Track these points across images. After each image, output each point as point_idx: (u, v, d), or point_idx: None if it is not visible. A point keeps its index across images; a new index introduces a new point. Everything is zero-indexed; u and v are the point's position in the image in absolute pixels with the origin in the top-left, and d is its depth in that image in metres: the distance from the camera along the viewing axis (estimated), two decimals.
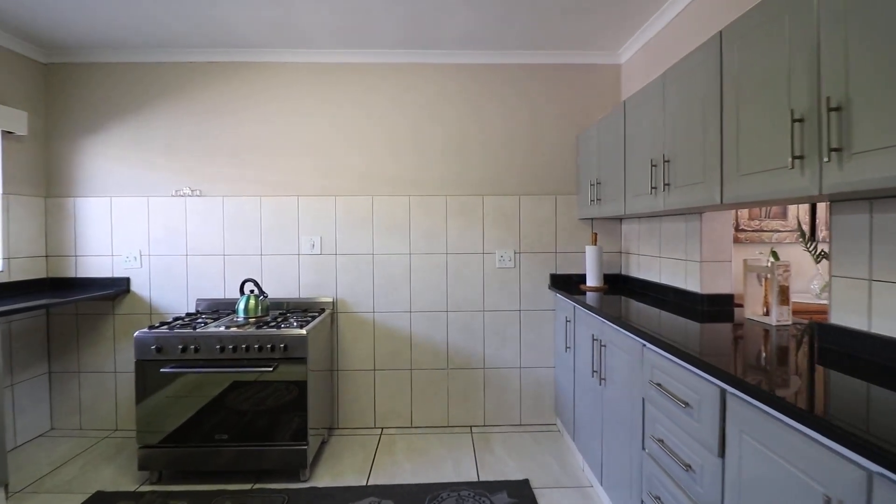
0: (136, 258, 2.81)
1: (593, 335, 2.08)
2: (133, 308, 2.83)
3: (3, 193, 2.54)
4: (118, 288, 2.80)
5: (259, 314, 2.53)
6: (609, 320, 1.88)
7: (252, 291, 2.57)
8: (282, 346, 2.21)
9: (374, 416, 2.85)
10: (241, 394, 2.22)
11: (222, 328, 2.26)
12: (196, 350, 2.19)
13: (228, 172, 2.81)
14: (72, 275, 2.82)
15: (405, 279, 2.84)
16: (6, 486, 2.06)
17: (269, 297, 2.79)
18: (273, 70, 2.80)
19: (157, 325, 2.34)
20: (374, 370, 2.85)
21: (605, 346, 1.95)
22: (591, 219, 2.85)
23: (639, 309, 2.03)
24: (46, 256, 2.81)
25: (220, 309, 2.75)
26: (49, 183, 2.81)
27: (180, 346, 2.19)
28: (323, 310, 2.73)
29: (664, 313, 1.91)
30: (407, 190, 2.83)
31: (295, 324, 2.36)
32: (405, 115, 2.83)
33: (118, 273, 2.82)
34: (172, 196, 2.80)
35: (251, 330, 2.24)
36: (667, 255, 2.31)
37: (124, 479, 2.29)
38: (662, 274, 2.35)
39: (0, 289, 2.51)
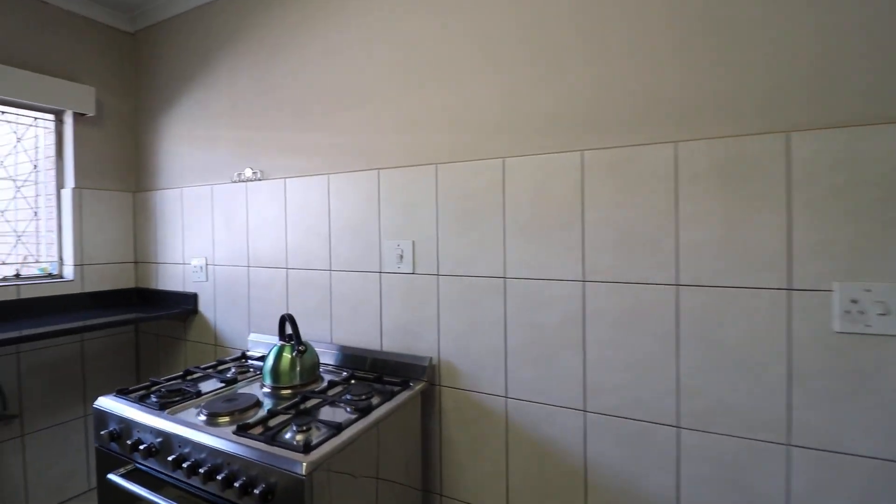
0: (201, 268, 2.08)
1: None
2: (200, 335, 2.11)
3: (76, 188, 2.11)
4: (186, 307, 2.12)
5: (299, 381, 1.41)
6: None
7: (290, 338, 1.48)
8: (260, 487, 1.00)
9: None
10: None
11: (203, 415, 1.21)
12: (152, 452, 1.19)
13: (291, 140, 1.79)
14: (153, 286, 2.29)
15: (574, 335, 1.30)
16: None
17: (339, 345, 1.67)
18: None
19: (146, 383, 1.46)
20: None
21: None
22: None
23: None
24: (135, 262, 2.34)
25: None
26: (138, 174, 2.33)
27: (130, 441, 1.22)
28: (409, 383, 1.44)
29: None
30: (578, 138, 1.28)
31: (338, 418, 1.13)
32: None
33: (188, 286, 2.15)
34: (233, 182, 1.96)
35: (226, 437, 1.11)
36: None
37: None
38: None
39: (68, 301, 2.07)
